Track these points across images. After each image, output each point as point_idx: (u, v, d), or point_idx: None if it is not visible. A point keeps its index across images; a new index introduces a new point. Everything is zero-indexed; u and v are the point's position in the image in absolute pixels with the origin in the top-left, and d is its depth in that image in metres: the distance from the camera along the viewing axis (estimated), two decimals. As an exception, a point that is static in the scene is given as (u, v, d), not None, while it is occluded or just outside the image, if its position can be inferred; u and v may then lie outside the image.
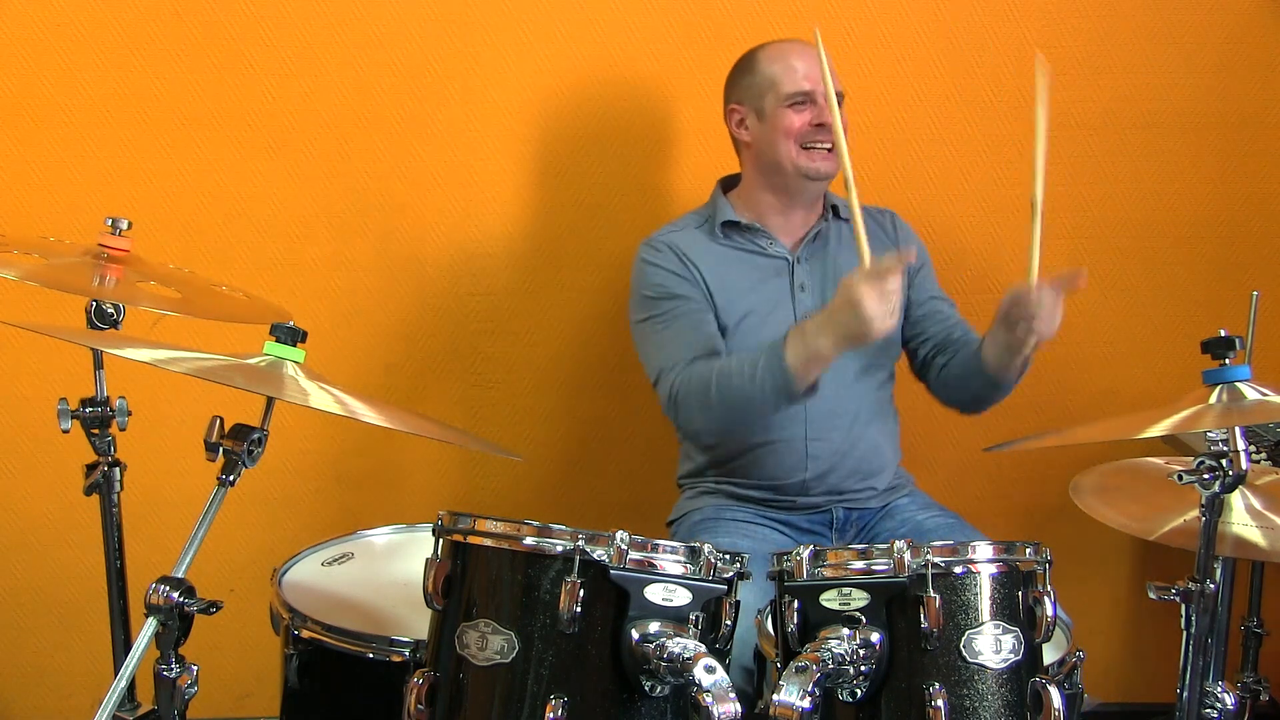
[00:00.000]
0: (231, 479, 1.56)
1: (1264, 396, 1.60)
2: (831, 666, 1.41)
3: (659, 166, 2.56)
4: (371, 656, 1.72)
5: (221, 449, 1.55)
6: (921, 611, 1.46)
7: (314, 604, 1.83)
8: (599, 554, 1.45)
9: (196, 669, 1.55)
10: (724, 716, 1.34)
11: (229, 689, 2.65)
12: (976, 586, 1.51)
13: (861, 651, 1.45)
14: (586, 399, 2.64)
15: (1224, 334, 1.63)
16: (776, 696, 1.36)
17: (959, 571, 1.50)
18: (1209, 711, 1.66)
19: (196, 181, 2.49)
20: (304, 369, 1.63)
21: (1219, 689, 1.66)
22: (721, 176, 2.29)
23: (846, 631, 1.47)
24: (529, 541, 1.49)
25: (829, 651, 1.42)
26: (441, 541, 1.56)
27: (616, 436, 2.65)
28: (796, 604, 1.52)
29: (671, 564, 1.49)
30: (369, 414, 1.63)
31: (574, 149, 2.55)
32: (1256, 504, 1.86)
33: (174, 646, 1.52)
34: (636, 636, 1.44)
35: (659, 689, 1.46)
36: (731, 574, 1.54)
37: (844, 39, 2.47)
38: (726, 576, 1.53)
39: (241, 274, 2.49)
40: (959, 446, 2.64)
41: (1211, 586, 1.61)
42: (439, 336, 2.60)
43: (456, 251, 2.56)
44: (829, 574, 1.52)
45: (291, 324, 1.64)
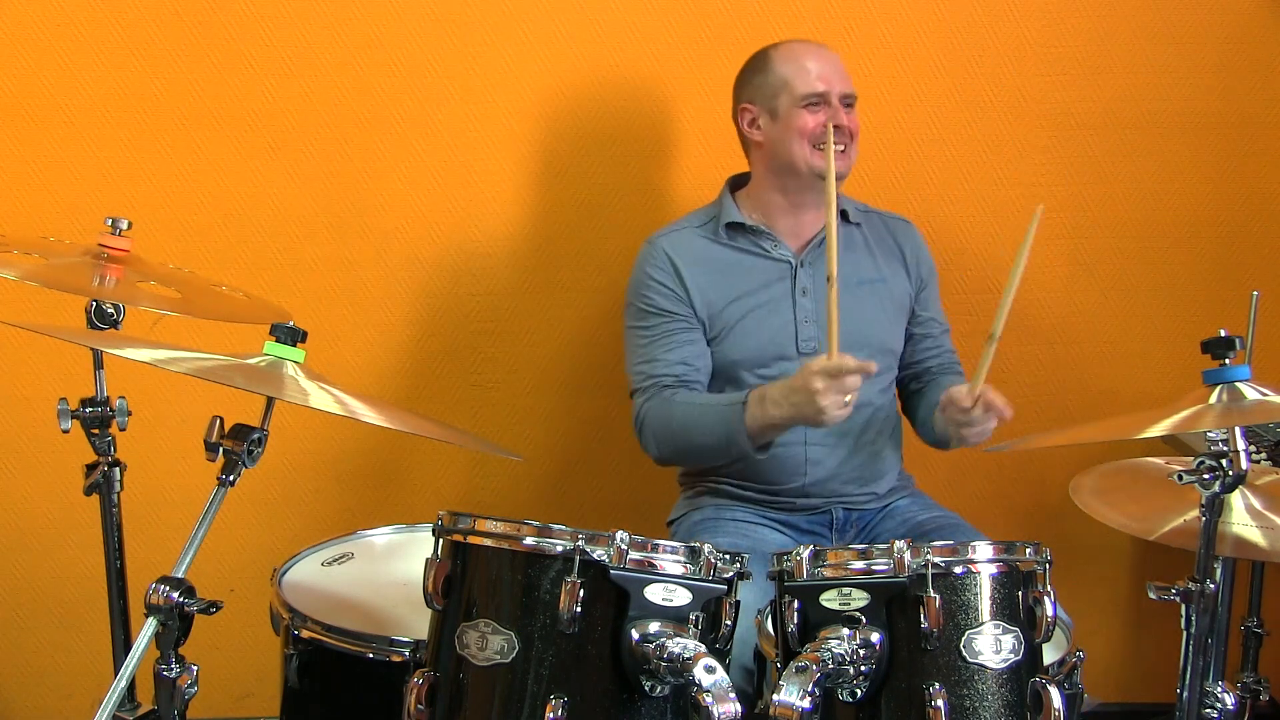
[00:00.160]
0: (231, 479, 1.56)
1: (1264, 396, 1.60)
2: (831, 666, 1.41)
3: (659, 166, 2.56)
4: (371, 656, 1.72)
5: (221, 449, 1.55)
6: (921, 611, 1.46)
7: (314, 604, 1.83)
8: (599, 554, 1.45)
9: (196, 669, 1.55)
10: (724, 716, 1.34)
11: (229, 689, 2.65)
12: (976, 586, 1.51)
13: (861, 651, 1.45)
14: (586, 399, 2.64)
15: (1224, 334, 1.63)
16: (776, 696, 1.36)
17: (959, 571, 1.50)
18: (1209, 711, 1.66)
19: (196, 181, 2.49)
20: (304, 369, 1.63)
21: (1219, 689, 1.66)
22: (730, 175, 2.29)
23: (846, 631, 1.47)
24: (529, 541, 1.49)
25: (829, 651, 1.42)
26: (441, 541, 1.56)
27: (616, 436, 2.65)
28: (796, 604, 1.52)
29: (671, 564, 1.49)
30: (369, 414, 1.63)
31: (574, 149, 2.55)
32: (1256, 504, 1.85)
33: (174, 646, 1.52)
34: (636, 636, 1.44)
35: (659, 689, 1.46)
36: (731, 574, 1.54)
37: (844, 39, 2.47)
38: (726, 576, 1.53)
39: (241, 274, 2.49)
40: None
41: (1211, 586, 1.61)
42: (439, 336, 2.60)
43: (456, 251, 2.56)
44: (829, 574, 1.52)
45: (291, 324, 1.64)
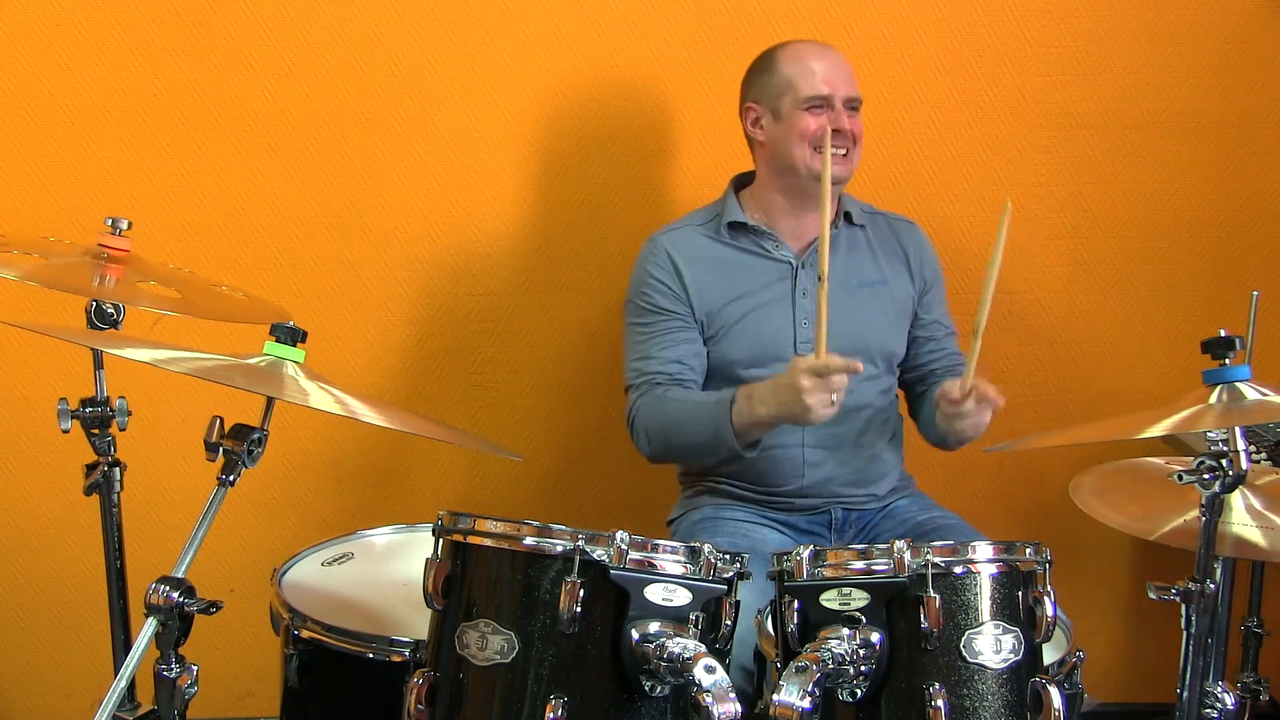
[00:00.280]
0: (231, 479, 1.56)
1: (1264, 396, 1.60)
2: (831, 666, 1.41)
3: (659, 166, 2.56)
4: (371, 656, 1.72)
5: (221, 449, 1.55)
6: (921, 611, 1.46)
7: (314, 604, 1.83)
8: (599, 554, 1.45)
9: (196, 669, 1.55)
10: (724, 716, 1.34)
11: (229, 689, 2.65)
12: (976, 586, 1.51)
13: (861, 651, 1.45)
14: (586, 399, 2.64)
15: (1224, 334, 1.63)
16: (776, 696, 1.36)
17: (959, 571, 1.50)
18: (1209, 711, 1.66)
19: (196, 181, 2.49)
20: (304, 369, 1.63)
21: (1219, 689, 1.66)
22: (735, 174, 2.28)
23: (846, 631, 1.47)
24: (529, 541, 1.49)
25: (829, 651, 1.42)
26: (441, 541, 1.56)
27: (616, 436, 2.63)
28: (796, 604, 1.52)
29: (671, 564, 1.49)
30: (369, 414, 1.63)
31: (574, 149, 2.55)
32: (1256, 504, 1.85)
33: (174, 646, 1.52)
34: (636, 636, 1.44)
35: (659, 689, 1.46)
36: (731, 574, 1.54)
37: (844, 39, 2.46)
38: (726, 576, 1.53)
39: (241, 274, 2.49)
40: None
41: (1211, 586, 1.61)
42: (439, 336, 2.60)
43: (456, 251, 2.56)
44: (829, 574, 1.52)
45: (291, 324, 1.64)
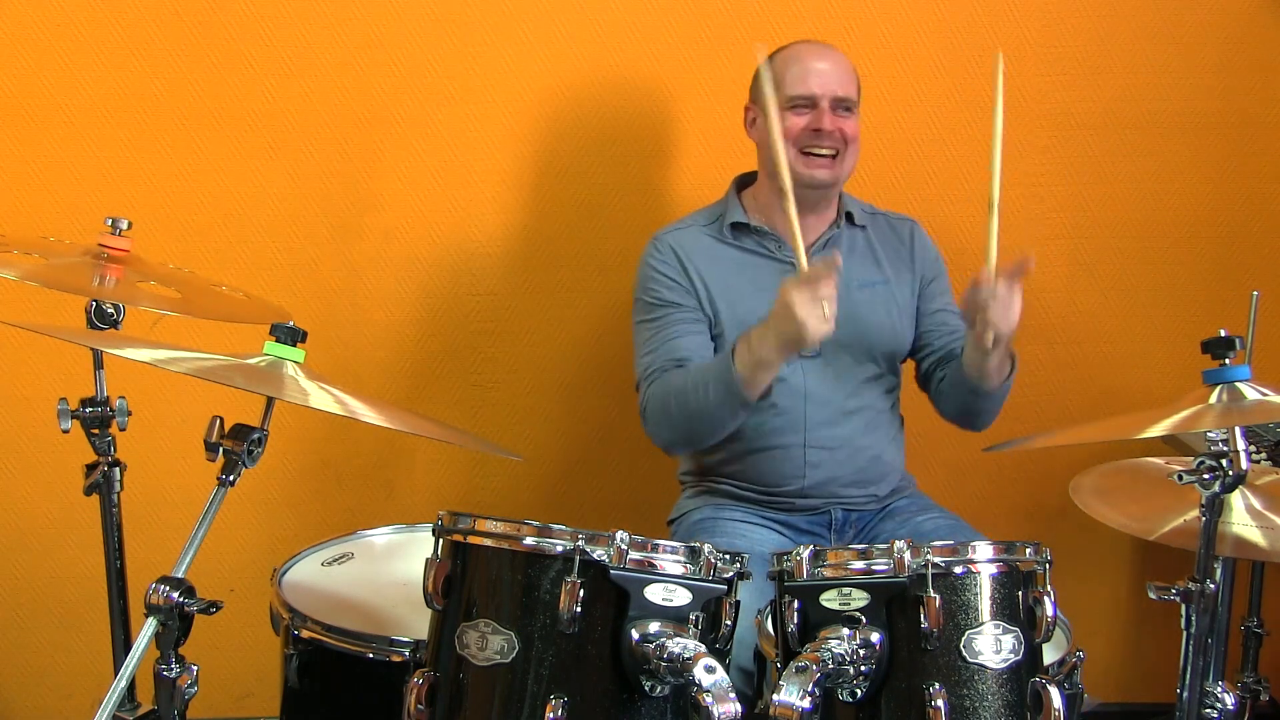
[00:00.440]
0: (231, 479, 1.56)
1: (1264, 396, 1.60)
2: (831, 666, 1.41)
3: (659, 166, 2.56)
4: (371, 656, 1.72)
5: (221, 449, 1.55)
6: (921, 611, 1.46)
7: (314, 604, 1.83)
8: (599, 554, 1.45)
9: (196, 669, 1.55)
10: (724, 716, 1.34)
11: (229, 689, 2.65)
12: (976, 586, 1.51)
13: (861, 651, 1.45)
14: (586, 399, 2.64)
15: (1224, 334, 1.63)
16: (776, 696, 1.36)
17: (959, 571, 1.50)
18: (1209, 711, 1.66)
19: (196, 181, 2.49)
20: (304, 369, 1.63)
21: (1219, 689, 1.66)
22: (737, 175, 2.27)
23: (846, 631, 1.47)
24: (529, 541, 1.49)
25: (829, 651, 1.42)
26: (441, 541, 1.56)
27: (616, 436, 2.65)
28: (796, 604, 1.52)
29: (671, 564, 1.49)
30: (369, 414, 1.63)
31: (574, 149, 2.55)
32: (1256, 504, 1.85)
33: (174, 646, 1.52)
34: (636, 636, 1.44)
35: (659, 689, 1.46)
36: (731, 574, 1.54)
37: (844, 39, 2.46)
38: (726, 576, 1.53)
39: (241, 274, 2.49)
40: (959, 446, 2.63)
41: (1211, 586, 1.61)
42: (439, 336, 2.60)
43: (456, 251, 2.56)
44: (829, 574, 1.52)
45: (291, 324, 1.64)
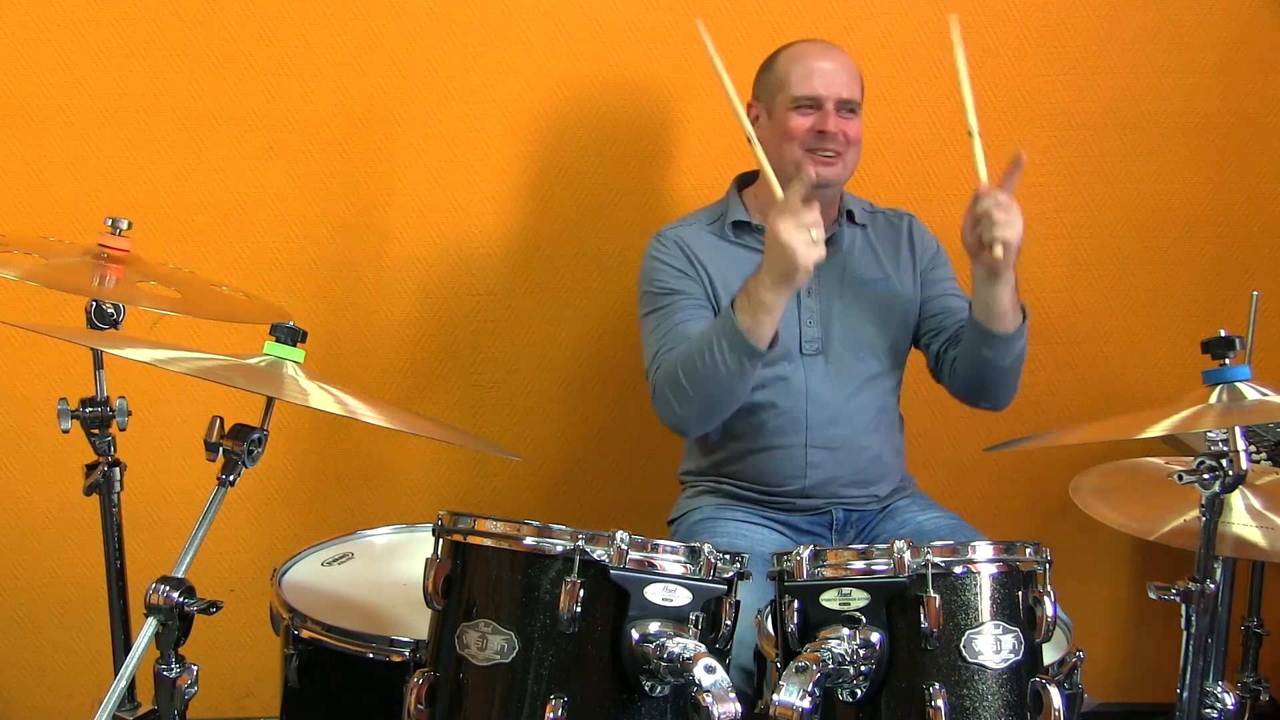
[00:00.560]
0: (231, 479, 1.56)
1: (1264, 396, 1.60)
2: (831, 666, 1.41)
3: (659, 166, 2.56)
4: (371, 656, 1.72)
5: (221, 449, 1.55)
6: (921, 611, 1.46)
7: (314, 604, 1.83)
8: (599, 554, 1.45)
9: (196, 669, 1.55)
10: (724, 716, 1.34)
11: (229, 689, 2.65)
12: (976, 586, 1.51)
13: (861, 651, 1.45)
14: (586, 399, 2.64)
15: (1224, 334, 1.63)
16: (776, 696, 1.36)
17: (959, 571, 1.50)
18: (1209, 711, 1.66)
19: (196, 181, 2.49)
20: (304, 369, 1.63)
21: (1219, 689, 1.66)
22: (738, 173, 2.27)
23: (846, 631, 1.47)
24: (529, 541, 1.49)
25: (829, 651, 1.42)
26: (441, 541, 1.56)
27: (616, 436, 2.65)
28: (796, 604, 1.52)
29: (671, 564, 1.49)
30: (369, 414, 1.63)
31: (574, 149, 2.55)
32: (1256, 504, 1.85)
33: (174, 646, 1.53)
34: (636, 636, 1.44)
35: (659, 689, 1.46)
36: (731, 574, 1.54)
37: (844, 39, 2.46)
38: (726, 576, 1.53)
39: (241, 274, 2.49)
40: (959, 446, 2.64)
41: (1211, 586, 1.61)
42: (439, 336, 2.60)
43: (456, 251, 2.56)
44: (829, 574, 1.52)
45: (291, 324, 1.64)
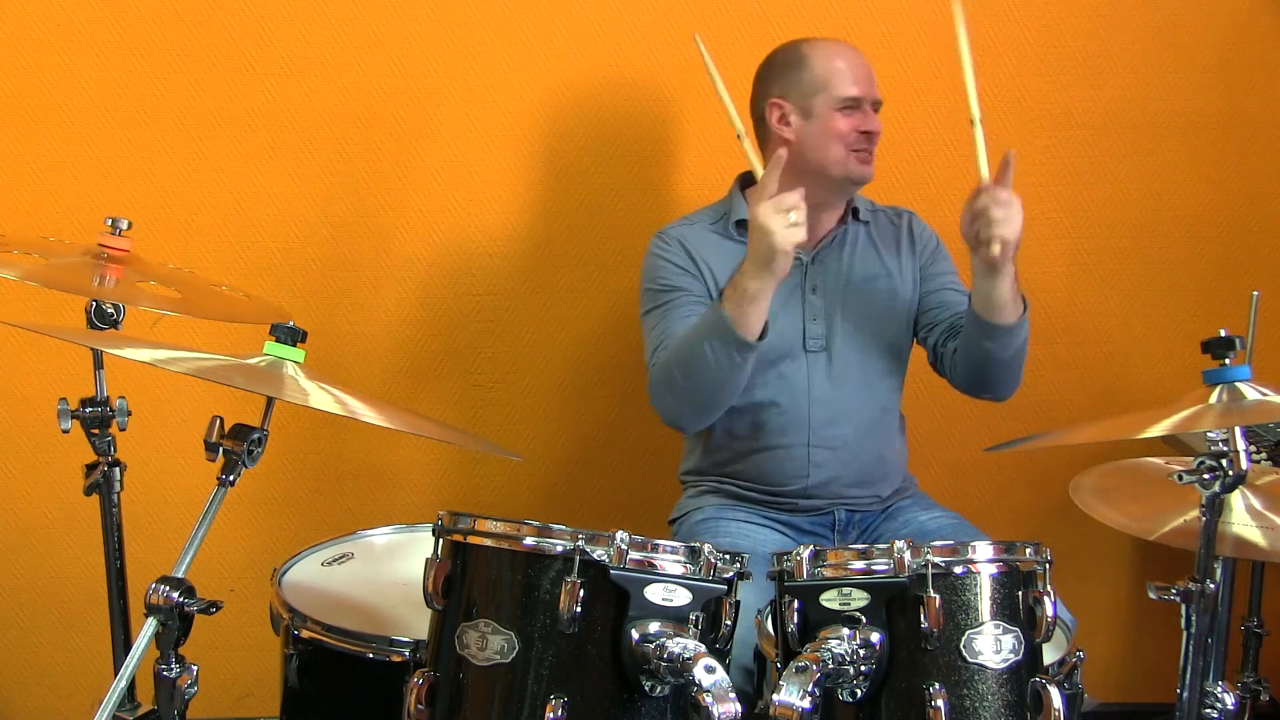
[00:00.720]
0: (231, 479, 1.56)
1: (1264, 396, 1.60)
2: (831, 666, 1.41)
3: (659, 166, 2.56)
4: (371, 656, 1.72)
5: (221, 449, 1.55)
6: (921, 611, 1.46)
7: (314, 604, 1.83)
8: (599, 554, 1.45)
9: (196, 669, 1.55)
10: (724, 716, 1.34)
11: (229, 689, 2.65)
12: (976, 586, 1.51)
13: (861, 651, 1.45)
14: (586, 399, 2.64)
15: (1224, 334, 1.63)
16: (776, 696, 1.36)
17: (959, 571, 1.50)
18: (1209, 711, 1.65)
19: (196, 181, 2.49)
20: (304, 369, 1.63)
21: (1219, 689, 1.66)
22: (741, 172, 2.26)
23: (846, 631, 1.47)
24: (529, 541, 1.49)
25: (829, 651, 1.42)
26: (441, 541, 1.55)
27: (616, 436, 2.65)
28: (796, 604, 1.52)
29: (671, 564, 1.49)
30: (369, 414, 1.63)
31: (574, 149, 2.55)
32: (1256, 504, 1.85)
33: (174, 646, 1.53)
34: (636, 636, 1.44)
35: (659, 689, 1.46)
36: (731, 574, 1.54)
37: (843, 38, 2.46)
38: (726, 576, 1.53)
39: (241, 274, 2.49)
40: (959, 446, 2.64)
41: (1211, 586, 1.61)
42: (439, 336, 2.60)
43: (456, 251, 2.56)
44: (829, 574, 1.52)
45: (291, 324, 1.64)
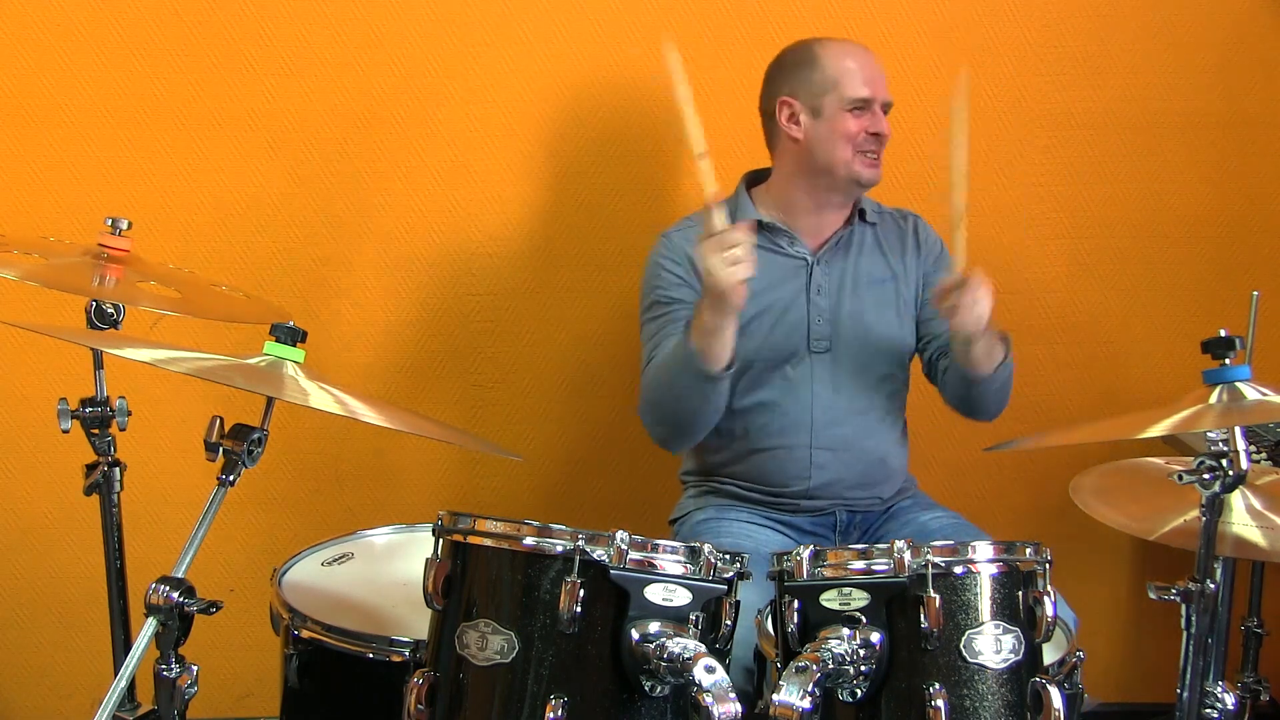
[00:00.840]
0: (231, 479, 1.56)
1: (1264, 396, 1.60)
2: (831, 666, 1.41)
3: (659, 166, 2.56)
4: (371, 656, 1.72)
5: (221, 449, 1.56)
6: (921, 611, 1.46)
7: (314, 604, 1.83)
8: (599, 554, 1.45)
9: (196, 669, 1.55)
10: (724, 716, 1.34)
11: (229, 689, 2.65)
12: (977, 586, 1.51)
13: (861, 651, 1.45)
14: (586, 399, 2.64)
15: (1224, 334, 1.63)
16: (776, 696, 1.36)
17: (959, 571, 1.50)
18: (1209, 711, 1.66)
19: (196, 181, 2.49)
20: (304, 369, 1.63)
21: (1219, 689, 1.66)
22: (747, 172, 2.26)
23: (846, 631, 1.47)
24: (529, 541, 1.49)
25: (829, 651, 1.42)
26: (441, 541, 1.55)
27: (616, 436, 2.65)
28: (796, 604, 1.52)
29: (671, 564, 1.49)
30: (369, 414, 1.63)
31: (574, 149, 2.54)
32: (1256, 504, 1.85)
33: (174, 646, 1.53)
34: (636, 636, 1.44)
35: (659, 689, 1.46)
36: (731, 574, 1.54)
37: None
38: (726, 576, 1.53)
39: (241, 274, 2.49)
40: (959, 446, 2.64)
41: (1211, 586, 1.61)
42: (439, 336, 2.60)
43: (456, 251, 2.56)
44: (829, 574, 1.52)
45: (291, 324, 1.64)
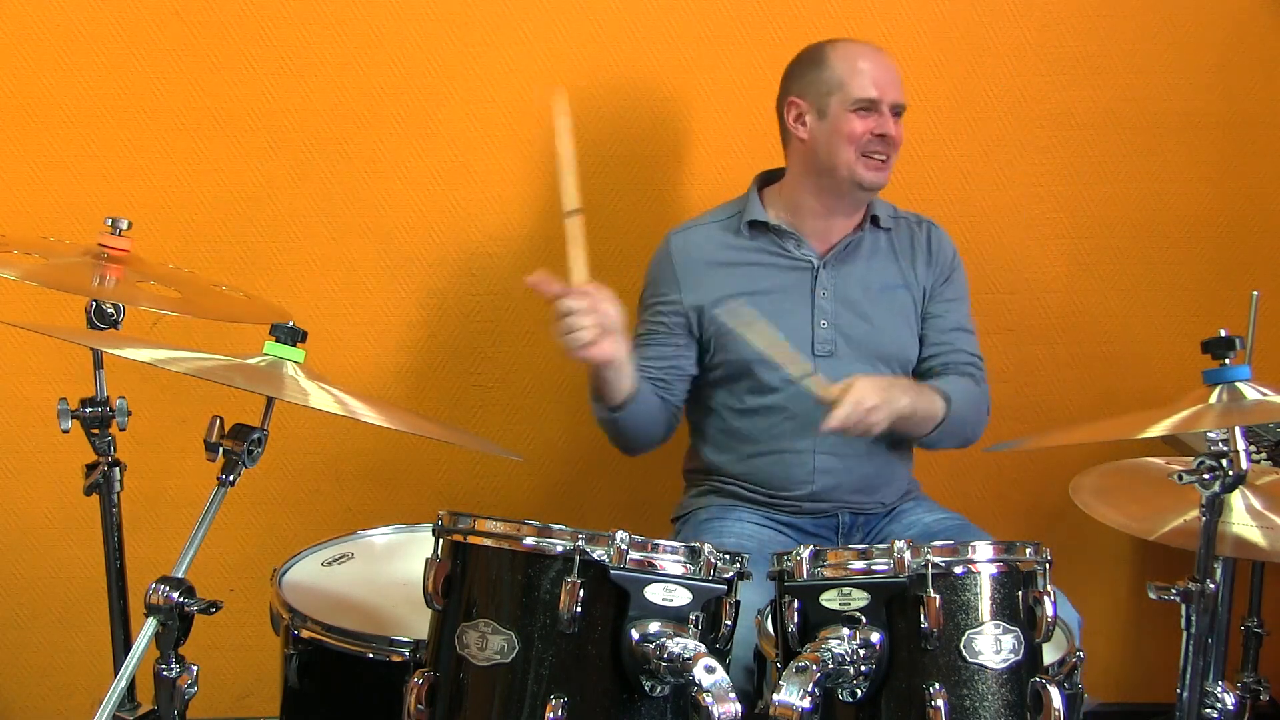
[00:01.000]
0: (231, 479, 1.56)
1: (1264, 396, 1.60)
2: (831, 666, 1.41)
3: (660, 166, 2.56)
4: (371, 656, 1.72)
5: (221, 449, 1.56)
6: (921, 611, 1.46)
7: (314, 604, 1.83)
8: (599, 554, 1.45)
9: (196, 669, 1.55)
10: (724, 716, 1.34)
11: (229, 689, 2.65)
12: (977, 586, 1.51)
13: (861, 651, 1.45)
14: (586, 399, 2.63)
15: (1224, 334, 1.63)
16: (776, 696, 1.36)
17: (959, 571, 1.50)
18: (1209, 711, 1.66)
19: (196, 181, 2.49)
20: (304, 369, 1.63)
21: (1219, 689, 1.66)
22: (760, 171, 2.26)
23: (846, 631, 1.47)
24: (529, 541, 1.49)
25: (829, 651, 1.42)
26: (441, 541, 1.56)
27: (617, 436, 2.65)
28: (796, 604, 1.52)
29: (671, 564, 1.49)
30: (369, 414, 1.63)
31: (575, 149, 2.54)
32: (1256, 504, 1.85)
33: (174, 646, 1.53)
34: (636, 636, 1.44)
35: (659, 689, 1.46)
36: (731, 574, 1.54)
37: (847, 39, 2.47)
38: (726, 576, 1.53)
39: (241, 274, 2.49)
40: (959, 447, 2.64)
41: (1211, 586, 1.61)
42: (439, 336, 2.60)
43: (456, 251, 2.56)
44: (829, 574, 1.52)
45: (291, 324, 1.64)
